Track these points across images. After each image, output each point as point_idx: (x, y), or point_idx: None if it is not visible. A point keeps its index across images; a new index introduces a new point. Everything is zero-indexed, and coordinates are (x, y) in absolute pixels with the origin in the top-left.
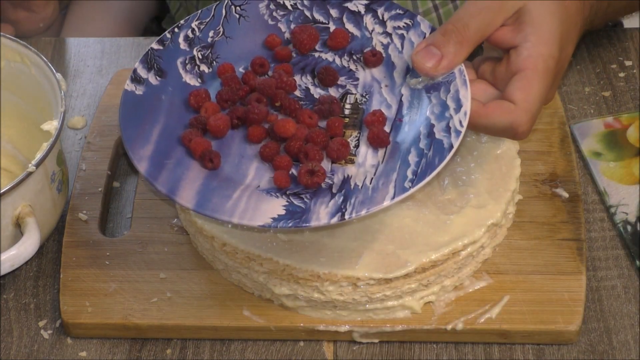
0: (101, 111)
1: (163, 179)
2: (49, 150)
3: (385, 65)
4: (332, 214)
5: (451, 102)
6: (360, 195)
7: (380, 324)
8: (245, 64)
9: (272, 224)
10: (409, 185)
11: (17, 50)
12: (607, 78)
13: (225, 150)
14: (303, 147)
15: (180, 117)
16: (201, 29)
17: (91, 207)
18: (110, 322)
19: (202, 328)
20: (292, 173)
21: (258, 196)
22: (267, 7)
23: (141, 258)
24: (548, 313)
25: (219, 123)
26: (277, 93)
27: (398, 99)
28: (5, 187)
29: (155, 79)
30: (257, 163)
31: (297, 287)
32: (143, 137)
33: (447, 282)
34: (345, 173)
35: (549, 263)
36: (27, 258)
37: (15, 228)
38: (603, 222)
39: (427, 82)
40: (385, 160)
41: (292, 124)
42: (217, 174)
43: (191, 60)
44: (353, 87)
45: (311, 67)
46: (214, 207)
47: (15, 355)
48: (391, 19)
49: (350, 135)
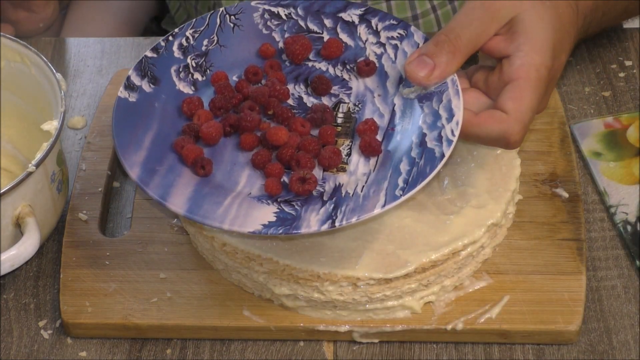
0: (101, 111)
1: (154, 185)
2: (49, 150)
3: (379, 75)
4: (323, 221)
5: (443, 111)
6: (351, 203)
7: (380, 324)
8: (239, 72)
9: (262, 230)
10: (399, 194)
11: (17, 50)
12: (607, 78)
13: (217, 157)
14: (295, 155)
15: (173, 124)
16: (195, 37)
17: (91, 207)
18: (110, 322)
19: (202, 328)
20: (283, 180)
21: (249, 203)
22: (262, 16)
23: (141, 258)
24: (548, 313)
25: (212, 130)
26: (270, 101)
27: (391, 109)
28: (5, 187)
29: (149, 87)
30: (249, 170)
31: (297, 287)
32: (135, 143)
33: (447, 282)
34: (336, 181)
35: (549, 263)
36: (27, 258)
37: (15, 228)
38: (603, 222)
39: (420, 91)
40: (376, 168)
41: (284, 132)
42: (209, 181)
43: (185, 68)
44: (346, 96)
45: (304, 76)
46: (204, 213)
47: (15, 355)
48: (385, 29)
49: (343, 144)
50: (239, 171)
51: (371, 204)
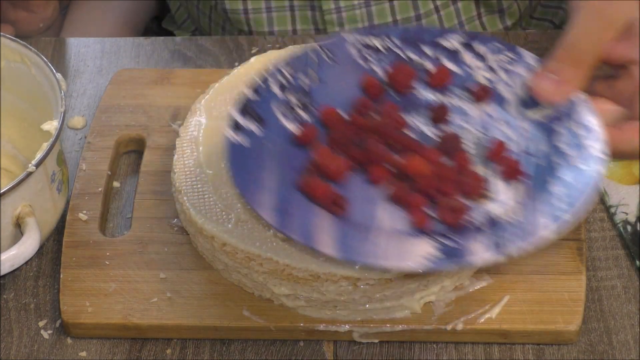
0: (101, 111)
1: (294, 228)
2: (49, 150)
3: (496, 99)
4: (491, 249)
5: (580, 129)
6: (513, 229)
7: (380, 324)
8: (345, 106)
9: (427, 264)
10: (563, 214)
11: (17, 50)
12: None
13: (347, 193)
14: (437, 185)
15: (291, 163)
16: (293, 74)
17: (91, 207)
18: (110, 322)
19: (202, 328)
20: (427, 211)
21: (398, 238)
22: (356, 48)
23: (141, 258)
24: (548, 313)
25: (337, 166)
26: (394, 132)
27: (519, 132)
28: (5, 187)
29: (257, 128)
30: (385, 204)
31: (297, 287)
32: (261, 187)
33: (447, 282)
34: (484, 208)
35: (548, 263)
36: (27, 258)
37: (15, 228)
38: (603, 222)
39: (547, 111)
40: (523, 192)
41: (422, 162)
42: (347, 219)
43: (289, 106)
44: (467, 123)
45: (415, 105)
46: (359, 253)
47: (15, 355)
48: (491, 52)
49: (480, 171)
50: (374, 205)
51: (535, 227)
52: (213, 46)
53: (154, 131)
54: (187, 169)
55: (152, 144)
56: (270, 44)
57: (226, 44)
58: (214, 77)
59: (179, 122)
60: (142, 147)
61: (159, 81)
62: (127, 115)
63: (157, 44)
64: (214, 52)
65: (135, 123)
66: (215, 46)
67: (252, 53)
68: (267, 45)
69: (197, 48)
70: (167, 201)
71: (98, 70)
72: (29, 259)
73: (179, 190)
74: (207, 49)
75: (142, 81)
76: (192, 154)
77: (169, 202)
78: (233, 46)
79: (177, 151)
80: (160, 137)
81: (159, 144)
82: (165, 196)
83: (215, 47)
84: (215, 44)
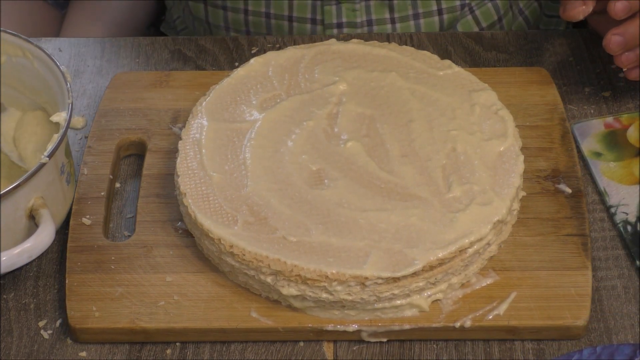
0: (101, 115)
1: None
2: (60, 141)
3: None
4: None
5: None
6: None
7: (388, 323)
8: None
9: None
10: None
11: (19, 44)
12: (607, 78)
13: None
14: None
15: None
16: None
17: (94, 211)
18: (118, 327)
19: (210, 330)
20: None
21: None
22: None
23: (146, 262)
24: (555, 309)
25: None
26: None
27: None
28: (20, 179)
29: None
30: None
31: (305, 287)
32: None
33: (454, 280)
34: None
35: (554, 259)
36: (43, 249)
37: (28, 220)
38: (603, 222)
39: None
40: None
41: None
42: None
43: None
44: None
45: None
46: None
47: (15, 355)
48: None
49: None
50: None
51: None
52: (213, 46)
53: (155, 134)
54: (190, 171)
55: (153, 147)
56: (270, 44)
57: (226, 44)
58: (212, 79)
59: (180, 124)
60: (142, 151)
61: (157, 84)
62: (127, 119)
63: (157, 44)
64: (214, 52)
65: (136, 126)
66: (215, 46)
67: (252, 53)
68: (267, 46)
69: (197, 48)
70: (171, 204)
71: (98, 70)
72: (45, 250)
73: (184, 193)
74: (207, 48)
75: (140, 84)
76: (195, 156)
77: (172, 205)
78: (233, 46)
79: (180, 154)
80: (161, 140)
81: (160, 147)
82: (168, 199)
83: (215, 47)
84: (215, 44)
